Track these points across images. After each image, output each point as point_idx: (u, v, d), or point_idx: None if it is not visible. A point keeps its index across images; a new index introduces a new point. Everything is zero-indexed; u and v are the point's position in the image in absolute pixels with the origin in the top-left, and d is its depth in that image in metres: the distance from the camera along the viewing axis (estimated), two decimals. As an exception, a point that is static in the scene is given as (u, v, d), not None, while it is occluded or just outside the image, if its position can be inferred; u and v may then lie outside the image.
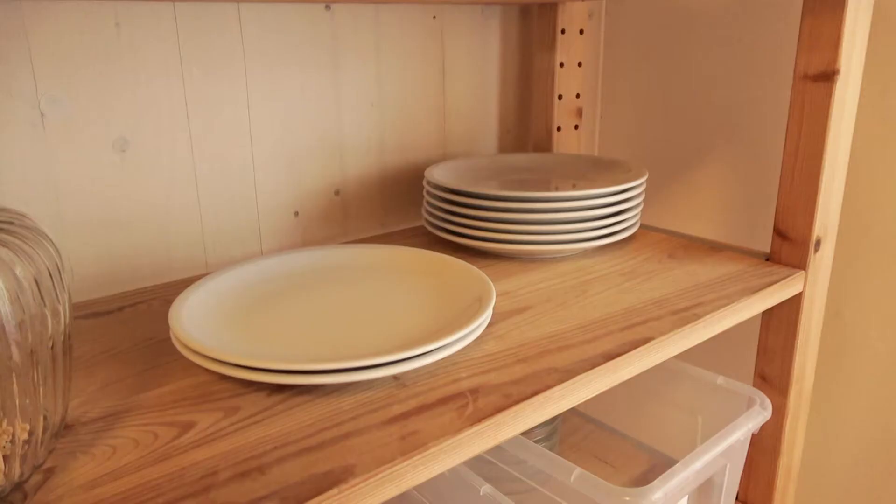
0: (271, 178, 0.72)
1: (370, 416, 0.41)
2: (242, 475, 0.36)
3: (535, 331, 0.53)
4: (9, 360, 0.31)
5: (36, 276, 0.32)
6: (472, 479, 0.54)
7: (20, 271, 0.32)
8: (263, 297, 0.55)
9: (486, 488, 0.52)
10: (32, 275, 0.32)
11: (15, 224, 0.34)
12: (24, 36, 0.56)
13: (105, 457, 0.38)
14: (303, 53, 0.71)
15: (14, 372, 0.31)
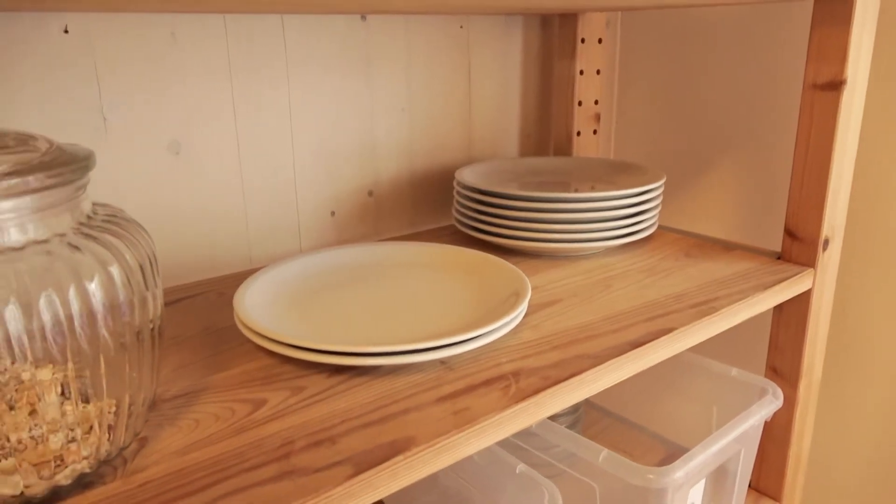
0: (310, 180, 0.76)
1: (424, 395, 0.46)
2: (316, 444, 0.40)
3: (566, 322, 0.57)
4: (122, 338, 0.35)
5: (141, 263, 0.37)
6: (508, 458, 0.58)
7: (129, 258, 0.36)
8: (316, 289, 0.60)
9: (521, 467, 0.56)
10: (138, 262, 0.37)
11: (118, 217, 0.38)
12: (90, 46, 0.60)
13: (190, 428, 0.42)
14: (340, 61, 0.76)
15: (126, 348, 0.36)
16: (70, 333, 0.33)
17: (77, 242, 0.34)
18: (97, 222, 0.36)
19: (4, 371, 0.32)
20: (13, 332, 0.31)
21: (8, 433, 0.33)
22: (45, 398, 0.34)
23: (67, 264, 0.33)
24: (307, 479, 0.37)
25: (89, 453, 0.36)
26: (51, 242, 0.34)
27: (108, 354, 0.35)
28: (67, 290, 0.33)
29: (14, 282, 0.31)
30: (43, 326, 0.32)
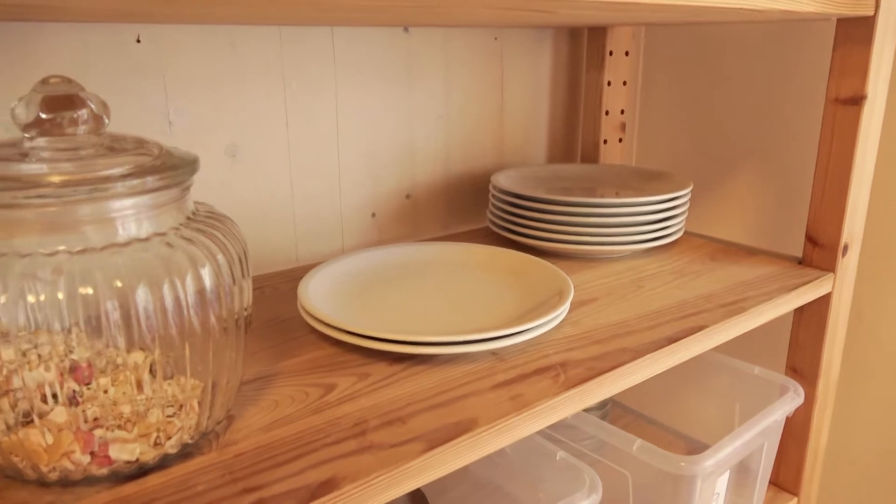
0: (354, 183, 0.81)
1: (480, 382, 0.50)
2: (388, 423, 0.44)
3: (604, 319, 0.61)
4: (224, 322, 0.39)
5: (236, 257, 0.41)
6: (548, 446, 0.61)
7: (227, 252, 0.40)
8: (370, 285, 0.64)
9: (561, 454, 0.60)
10: (234, 255, 0.41)
11: (216, 214, 0.42)
12: (159, 55, 0.64)
13: (270, 408, 0.46)
14: (384, 70, 0.80)
15: (222, 334, 0.40)
16: (176, 319, 0.37)
17: (183, 237, 0.38)
18: (199, 219, 0.40)
19: (100, 354, 0.36)
20: (138, 314, 0.35)
21: (116, 408, 0.37)
22: (144, 378, 0.38)
23: (175, 257, 0.37)
24: (385, 454, 0.41)
25: (189, 426, 0.40)
26: (163, 237, 0.38)
27: (207, 339, 0.39)
28: (175, 279, 0.37)
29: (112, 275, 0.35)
30: (150, 312, 0.36)
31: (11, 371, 0.35)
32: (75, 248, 0.35)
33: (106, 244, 0.35)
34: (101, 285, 0.34)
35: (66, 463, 0.36)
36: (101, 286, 0.34)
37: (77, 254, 0.34)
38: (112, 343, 0.35)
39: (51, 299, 0.33)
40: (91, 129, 0.38)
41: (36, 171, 0.36)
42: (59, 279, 0.33)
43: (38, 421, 0.35)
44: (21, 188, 0.34)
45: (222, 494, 0.37)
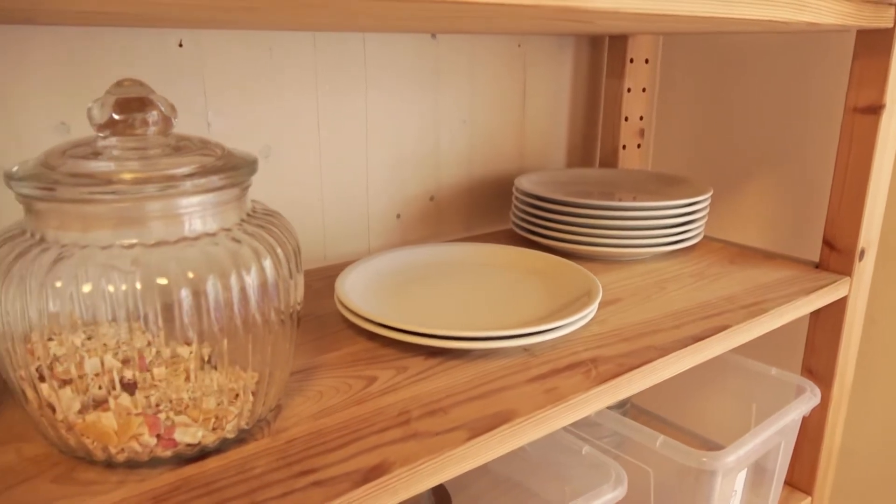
0: (380, 185, 0.83)
1: (515, 377, 0.52)
2: (430, 413, 0.46)
3: (630, 318, 0.63)
4: (282, 314, 0.41)
5: (294, 251, 0.43)
6: (572, 442, 0.63)
7: (282, 249, 0.42)
8: (403, 283, 0.66)
9: (587, 448, 0.62)
10: (288, 253, 0.43)
11: (271, 213, 0.44)
12: (200, 58, 0.67)
13: (316, 399, 0.48)
14: (411, 75, 0.82)
15: (275, 327, 0.42)
16: (241, 311, 0.39)
17: (246, 233, 0.40)
18: (257, 216, 0.43)
19: (149, 344, 0.38)
20: (208, 305, 0.37)
21: (175, 394, 0.39)
22: (194, 367, 0.40)
23: (241, 251, 0.39)
24: (431, 441, 0.43)
25: (246, 413, 0.42)
26: (228, 232, 0.40)
27: (267, 331, 0.41)
28: (242, 272, 0.39)
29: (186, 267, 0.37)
30: (220, 303, 0.38)
31: (81, 357, 0.37)
32: (150, 241, 0.37)
33: (178, 238, 0.37)
34: (176, 276, 0.36)
35: (134, 445, 0.38)
36: (176, 277, 0.36)
37: (152, 246, 0.37)
38: (182, 332, 0.37)
39: (129, 289, 0.35)
40: (160, 129, 0.40)
41: (109, 168, 0.38)
42: (137, 270, 0.35)
43: (112, 403, 0.37)
44: (96, 185, 0.37)
45: (279, 477, 0.39)
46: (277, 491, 0.38)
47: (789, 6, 0.55)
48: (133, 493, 0.38)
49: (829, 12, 0.60)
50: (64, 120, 0.61)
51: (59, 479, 0.39)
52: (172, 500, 0.37)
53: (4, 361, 0.37)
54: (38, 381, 0.37)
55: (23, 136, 0.59)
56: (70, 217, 0.37)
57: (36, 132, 0.60)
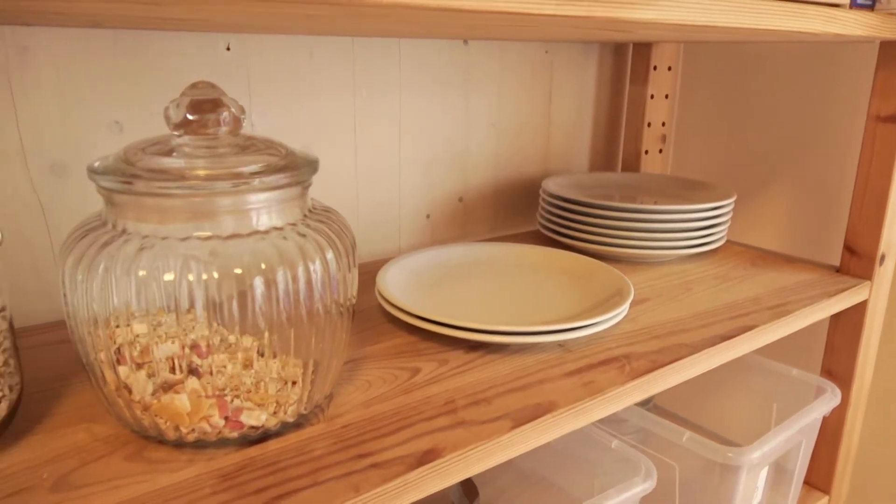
0: (412, 186, 0.85)
1: (552, 370, 0.54)
2: (475, 403, 0.48)
3: (659, 317, 0.65)
4: (339, 306, 0.44)
5: (351, 246, 0.45)
6: (601, 436, 0.65)
7: (340, 245, 0.44)
8: (439, 280, 0.68)
9: (616, 443, 0.64)
10: (345, 248, 0.45)
11: (330, 211, 0.47)
12: (246, 61, 0.69)
13: (364, 388, 0.50)
14: (443, 80, 0.84)
15: (342, 315, 0.44)
16: (307, 301, 0.41)
17: (309, 227, 0.43)
18: (317, 213, 0.45)
19: (215, 331, 0.40)
20: (278, 295, 0.39)
21: (239, 380, 0.41)
22: (259, 355, 0.42)
23: (306, 245, 0.42)
24: (478, 429, 0.45)
25: (304, 399, 0.44)
26: (294, 227, 0.42)
27: (322, 322, 0.43)
28: (309, 264, 0.41)
29: (259, 258, 0.40)
30: (290, 293, 0.40)
31: (154, 342, 0.40)
32: (224, 234, 0.39)
33: (250, 231, 0.40)
34: (249, 267, 0.38)
35: (204, 425, 0.40)
36: (249, 268, 0.38)
37: (227, 239, 0.39)
38: (252, 321, 0.39)
39: (208, 278, 0.38)
40: (230, 129, 0.42)
41: (183, 165, 0.40)
42: (215, 260, 0.38)
43: (184, 386, 0.40)
44: (171, 180, 0.39)
45: (338, 459, 0.42)
46: (338, 472, 0.40)
47: (818, 18, 0.57)
48: (202, 471, 0.40)
49: (856, 24, 0.62)
50: (118, 119, 0.63)
51: (130, 457, 0.41)
52: (240, 478, 0.40)
53: (86, 344, 0.40)
54: (116, 364, 0.40)
55: (79, 134, 0.62)
56: (147, 209, 0.40)
57: (91, 130, 0.62)
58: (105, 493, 0.38)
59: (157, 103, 0.65)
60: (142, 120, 0.65)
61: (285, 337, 0.41)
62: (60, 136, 0.61)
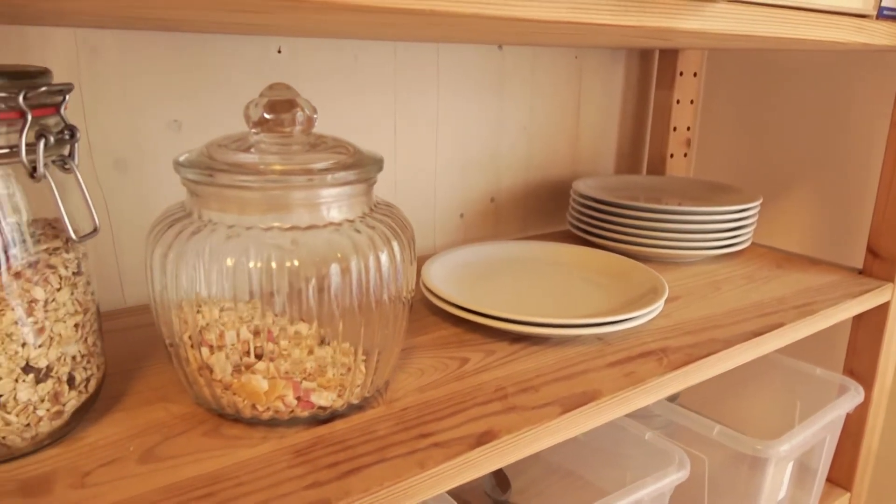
0: (447, 186, 0.88)
1: (593, 362, 0.56)
2: (524, 390, 0.51)
3: (691, 314, 0.67)
4: (402, 296, 0.47)
5: (412, 240, 0.48)
6: (636, 427, 0.68)
7: (401, 239, 0.47)
8: (479, 275, 0.71)
9: (649, 435, 0.67)
10: (411, 238, 0.48)
11: (392, 207, 0.49)
12: (296, 63, 0.72)
13: (418, 375, 0.53)
14: (479, 83, 0.87)
15: (403, 305, 0.47)
16: (377, 290, 0.44)
17: (378, 221, 0.46)
18: (381, 208, 0.48)
19: (275, 321, 0.43)
20: (351, 282, 0.42)
21: (310, 364, 0.44)
22: (315, 344, 0.45)
23: (375, 237, 0.44)
24: (528, 414, 0.48)
25: (367, 383, 0.47)
26: (363, 220, 0.45)
27: (388, 310, 0.46)
28: (379, 254, 0.44)
29: (335, 248, 0.43)
30: (362, 281, 0.43)
31: (223, 328, 0.43)
32: (303, 225, 0.42)
33: (325, 223, 0.43)
34: (326, 257, 0.41)
35: (279, 404, 0.43)
36: (326, 257, 0.41)
37: (305, 229, 0.42)
38: (328, 307, 0.42)
39: (290, 266, 0.41)
40: (303, 128, 0.45)
41: (260, 160, 0.43)
42: (297, 249, 0.41)
43: (261, 367, 0.42)
44: (249, 173, 0.42)
45: (401, 438, 0.44)
46: (403, 450, 0.43)
47: (847, 28, 0.60)
48: (276, 447, 0.43)
49: (883, 34, 0.64)
50: (176, 118, 0.67)
51: (208, 433, 0.44)
52: (312, 454, 0.42)
53: (171, 326, 0.43)
54: (199, 346, 0.42)
55: (140, 131, 0.65)
56: (228, 201, 0.43)
57: (152, 128, 0.65)
58: (190, 465, 0.41)
59: (213, 103, 0.68)
60: (199, 119, 0.68)
61: (356, 323, 0.44)
62: (123, 133, 0.64)
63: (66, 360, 0.41)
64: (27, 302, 0.38)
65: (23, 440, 0.40)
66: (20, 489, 0.38)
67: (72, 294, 0.41)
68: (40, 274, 0.39)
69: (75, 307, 0.41)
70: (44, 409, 0.40)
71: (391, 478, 0.40)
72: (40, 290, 0.39)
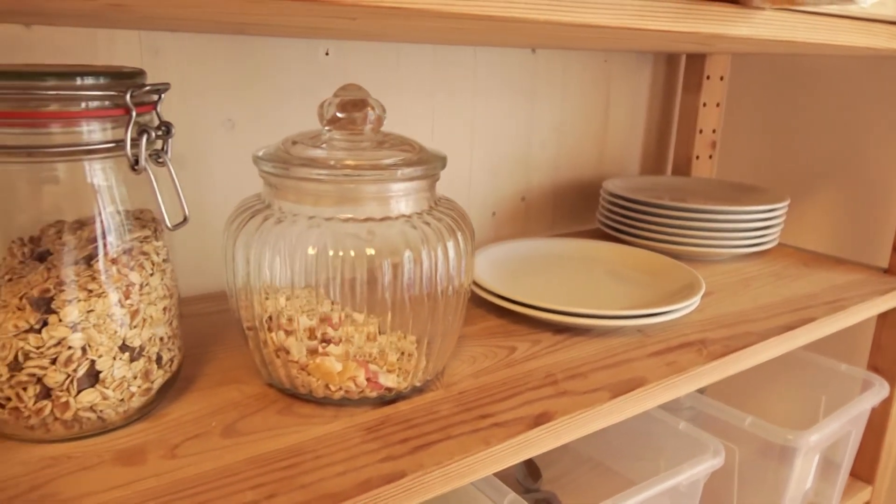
0: (480, 184, 0.91)
1: (635, 352, 0.59)
2: (572, 377, 0.54)
3: (724, 308, 0.70)
4: (462, 286, 0.49)
5: (472, 234, 0.51)
6: (669, 418, 0.70)
7: (461, 233, 0.50)
8: (517, 270, 0.73)
9: (682, 425, 0.69)
10: (471, 231, 0.50)
11: (452, 202, 0.52)
12: (342, 65, 0.75)
13: (470, 362, 0.56)
14: (512, 85, 0.90)
15: (463, 295, 0.50)
16: (443, 279, 0.47)
17: (439, 216, 0.48)
18: (443, 203, 0.51)
19: (345, 309, 0.46)
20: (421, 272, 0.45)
21: (368, 349, 0.46)
22: (375, 330, 0.48)
23: (441, 230, 0.47)
24: (580, 398, 0.51)
25: (429, 368, 0.49)
26: (430, 213, 0.48)
27: (452, 298, 0.49)
28: (447, 245, 0.46)
29: (408, 239, 0.45)
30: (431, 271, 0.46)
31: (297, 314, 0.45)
32: (378, 217, 0.45)
33: (398, 215, 0.45)
34: (399, 246, 0.44)
35: (350, 384, 0.46)
36: (398, 247, 0.44)
37: (380, 221, 0.45)
38: (399, 294, 0.45)
39: (368, 255, 0.43)
40: (373, 127, 0.48)
41: (333, 155, 0.46)
42: (374, 239, 0.43)
43: (334, 349, 0.45)
44: (323, 167, 0.45)
45: (463, 418, 0.47)
46: (466, 429, 0.46)
47: (883, 35, 0.62)
48: (347, 424, 0.46)
49: (914, 40, 0.67)
50: (230, 117, 0.69)
51: (282, 411, 0.47)
52: (382, 431, 0.45)
53: (252, 311, 0.45)
54: (277, 330, 0.45)
55: (197, 129, 0.68)
56: (304, 193, 0.45)
57: (207, 126, 0.68)
58: (270, 439, 0.44)
59: (265, 103, 0.71)
60: (252, 118, 0.71)
61: (423, 310, 0.46)
62: (181, 130, 0.67)
63: (155, 341, 0.44)
64: (125, 286, 0.41)
65: (116, 414, 0.43)
66: (117, 458, 0.41)
67: (162, 279, 0.44)
68: (135, 260, 0.42)
69: (164, 291, 0.44)
70: (136, 386, 0.43)
71: (459, 453, 0.43)
72: (136, 275, 0.42)
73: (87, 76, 0.39)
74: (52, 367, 0.40)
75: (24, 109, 0.38)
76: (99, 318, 0.40)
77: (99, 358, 0.41)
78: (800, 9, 0.52)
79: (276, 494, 0.39)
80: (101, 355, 0.41)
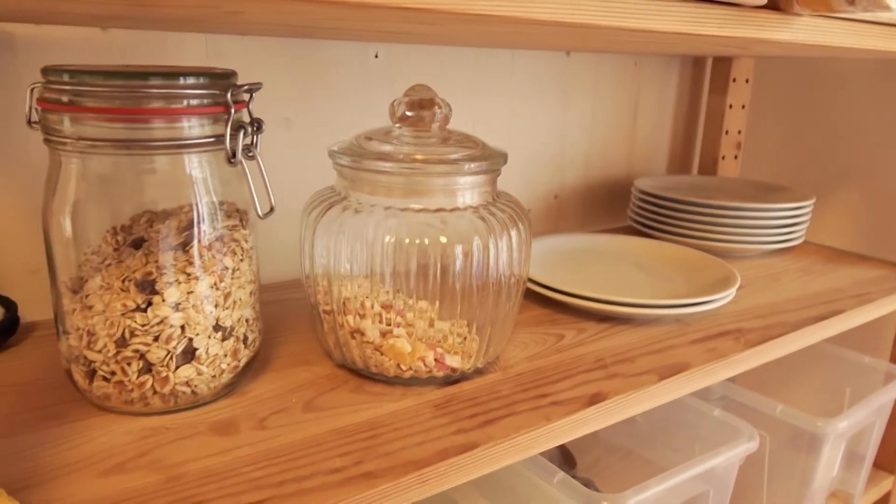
0: (516, 182, 0.94)
1: (677, 339, 0.62)
2: (621, 361, 0.57)
3: (756, 301, 0.73)
4: (519, 277, 0.53)
5: (530, 225, 0.54)
6: (703, 406, 0.73)
7: (521, 226, 0.53)
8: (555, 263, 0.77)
9: (717, 412, 0.72)
10: (529, 223, 0.54)
11: (512, 197, 0.55)
12: (390, 68, 0.79)
13: (523, 347, 0.59)
14: (547, 87, 0.93)
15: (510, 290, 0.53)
16: (505, 269, 0.50)
17: (502, 208, 0.52)
18: (503, 196, 0.54)
19: (394, 296, 0.49)
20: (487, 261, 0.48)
21: (428, 333, 0.50)
22: (433, 318, 0.51)
23: (500, 222, 0.50)
24: (630, 380, 0.54)
25: (490, 351, 0.53)
26: (491, 206, 0.51)
27: (513, 287, 0.52)
28: (512, 236, 0.50)
29: (478, 228, 0.49)
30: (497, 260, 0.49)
31: (372, 299, 0.49)
32: (448, 207, 0.48)
33: (466, 206, 0.49)
34: (469, 235, 0.47)
35: (420, 364, 0.49)
36: (469, 236, 0.47)
37: (451, 211, 0.48)
38: (469, 280, 0.48)
39: (442, 244, 0.47)
40: (440, 125, 0.51)
41: (406, 150, 0.49)
42: (447, 229, 0.47)
43: (403, 332, 0.49)
44: (394, 161, 0.48)
45: (523, 397, 0.50)
46: (527, 406, 0.49)
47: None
48: (417, 402, 0.49)
49: (941, 45, 0.70)
50: (287, 115, 0.73)
51: (355, 390, 0.51)
52: (450, 407, 0.49)
53: (331, 295, 0.49)
54: (353, 313, 0.49)
55: (256, 128, 0.71)
56: (377, 185, 0.49)
57: (266, 124, 0.72)
58: (348, 414, 0.47)
59: (320, 103, 0.75)
60: (306, 116, 0.74)
61: (488, 296, 0.50)
62: (242, 128, 0.71)
63: (242, 322, 0.47)
64: (219, 270, 0.45)
65: (208, 389, 0.46)
66: (212, 429, 0.45)
67: (250, 265, 0.47)
68: (228, 246, 0.46)
69: (251, 276, 0.48)
70: (226, 363, 0.46)
71: (524, 427, 0.46)
72: (229, 260, 0.45)
73: (188, 76, 0.43)
74: (154, 343, 0.43)
75: (132, 106, 0.42)
76: (197, 299, 0.44)
77: (196, 336, 0.44)
78: (835, 15, 0.56)
79: (362, 461, 0.42)
80: (197, 334, 0.44)
